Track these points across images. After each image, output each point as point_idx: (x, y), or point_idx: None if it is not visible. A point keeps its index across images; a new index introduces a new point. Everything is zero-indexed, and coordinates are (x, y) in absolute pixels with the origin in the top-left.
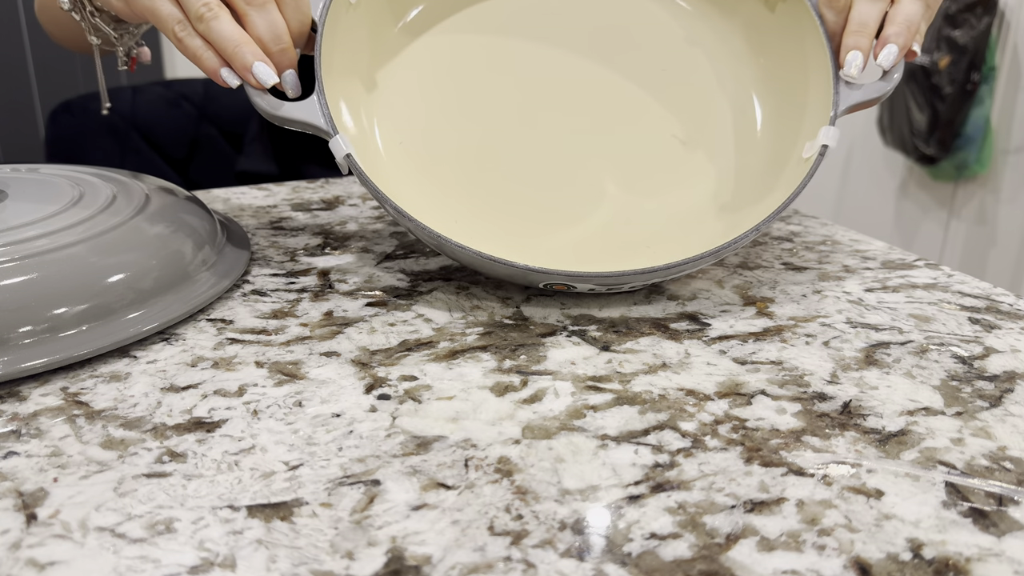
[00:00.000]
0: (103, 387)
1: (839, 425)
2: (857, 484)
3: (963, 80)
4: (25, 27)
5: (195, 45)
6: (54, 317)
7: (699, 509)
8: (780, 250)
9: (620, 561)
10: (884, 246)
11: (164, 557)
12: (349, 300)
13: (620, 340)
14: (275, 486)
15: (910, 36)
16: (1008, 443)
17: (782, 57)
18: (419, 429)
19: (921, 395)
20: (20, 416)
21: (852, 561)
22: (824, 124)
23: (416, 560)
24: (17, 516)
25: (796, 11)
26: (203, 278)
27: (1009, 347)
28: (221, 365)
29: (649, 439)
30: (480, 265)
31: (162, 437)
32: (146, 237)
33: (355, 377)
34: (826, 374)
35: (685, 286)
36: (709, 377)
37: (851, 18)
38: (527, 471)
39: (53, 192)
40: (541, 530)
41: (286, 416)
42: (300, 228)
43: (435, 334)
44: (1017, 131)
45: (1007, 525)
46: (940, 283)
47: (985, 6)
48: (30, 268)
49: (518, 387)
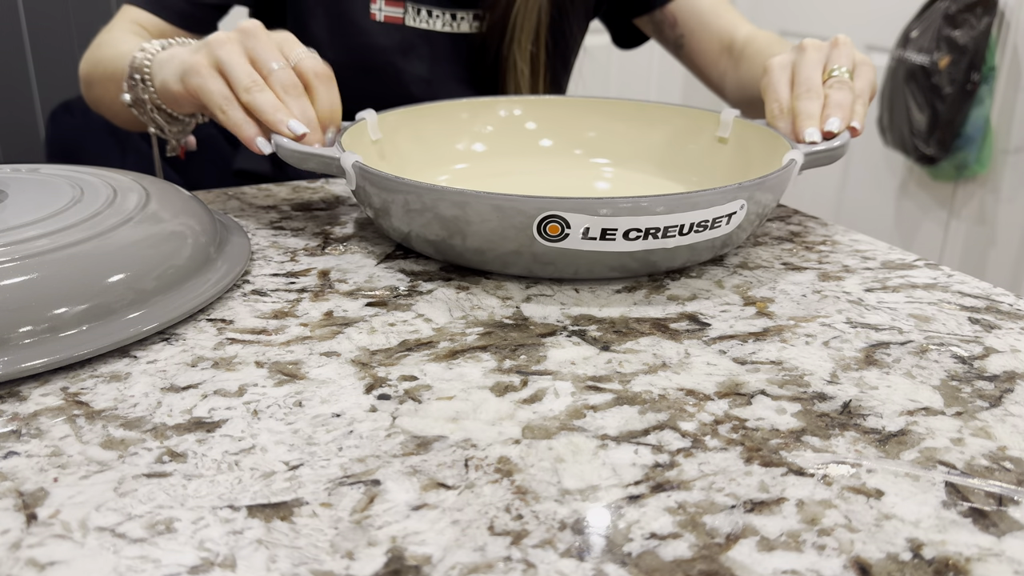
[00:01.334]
0: (103, 387)
1: (839, 425)
2: (857, 484)
3: (963, 80)
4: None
5: (237, 117)
6: (54, 317)
7: (699, 509)
8: (780, 250)
9: (620, 561)
10: (884, 246)
11: (164, 557)
12: (349, 300)
13: (620, 340)
14: (275, 486)
15: (847, 115)
16: (1008, 443)
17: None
18: (419, 429)
19: (921, 395)
20: (20, 416)
21: (852, 561)
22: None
23: (416, 560)
24: (17, 516)
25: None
26: (203, 278)
27: (1009, 347)
28: (221, 365)
29: (649, 439)
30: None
31: (162, 437)
32: (146, 237)
33: (355, 377)
34: (826, 374)
35: (685, 286)
36: (709, 377)
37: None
38: (527, 471)
39: (53, 192)
40: (541, 530)
41: (286, 416)
42: (300, 228)
43: (435, 334)
44: (1017, 131)
45: (1007, 525)
46: (940, 283)
47: (985, 6)
48: (30, 268)
49: (518, 387)
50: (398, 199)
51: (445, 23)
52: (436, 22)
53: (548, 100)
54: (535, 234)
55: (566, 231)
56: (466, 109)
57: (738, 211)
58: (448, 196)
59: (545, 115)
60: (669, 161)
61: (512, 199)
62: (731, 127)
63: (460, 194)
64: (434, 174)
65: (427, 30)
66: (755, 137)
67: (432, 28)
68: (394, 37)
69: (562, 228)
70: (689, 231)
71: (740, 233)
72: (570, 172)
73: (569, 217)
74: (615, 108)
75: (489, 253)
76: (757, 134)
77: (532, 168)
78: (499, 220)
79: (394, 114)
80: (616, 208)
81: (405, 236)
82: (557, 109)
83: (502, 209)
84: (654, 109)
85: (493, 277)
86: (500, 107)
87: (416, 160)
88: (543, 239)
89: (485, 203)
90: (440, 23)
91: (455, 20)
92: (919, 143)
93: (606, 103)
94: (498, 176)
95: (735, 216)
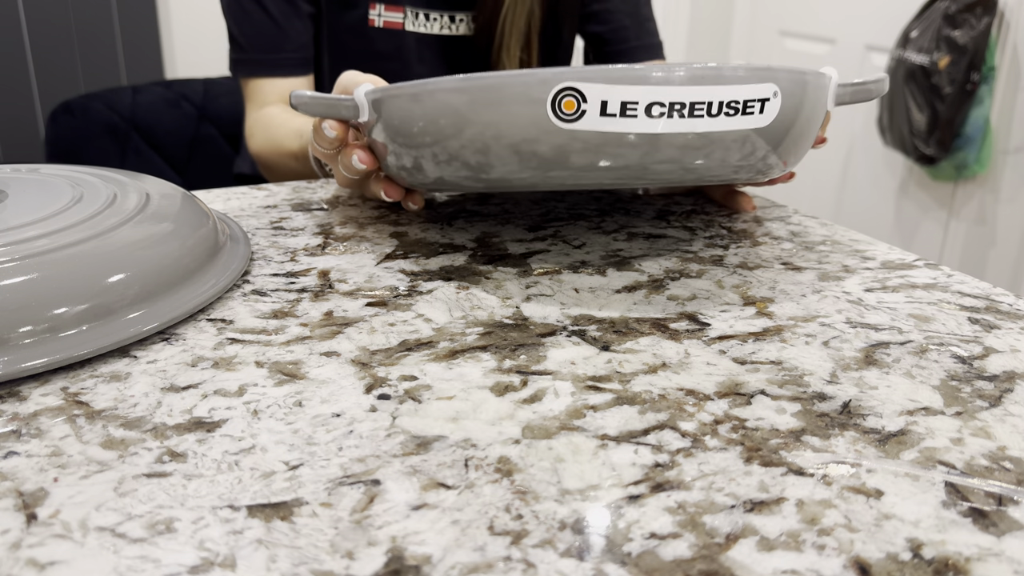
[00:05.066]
0: (103, 387)
1: (839, 425)
2: (857, 484)
3: (963, 80)
4: (25, 27)
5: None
6: (54, 317)
7: (699, 509)
8: (780, 250)
9: (620, 561)
10: (884, 246)
11: (164, 557)
12: (349, 300)
13: (620, 340)
14: (275, 486)
15: None
16: (1008, 443)
17: None
18: (419, 429)
19: (921, 395)
20: (20, 416)
21: (852, 561)
22: None
23: (416, 560)
24: (17, 516)
25: None
26: (203, 278)
27: (1009, 347)
28: (221, 365)
29: (649, 439)
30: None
31: (162, 437)
32: (146, 237)
33: (355, 377)
34: (826, 374)
35: (685, 286)
36: (709, 377)
37: None
38: (527, 471)
39: (53, 192)
40: (541, 530)
41: (286, 416)
42: (300, 228)
43: (435, 334)
44: (1017, 131)
45: (1007, 525)
46: (940, 283)
47: (985, 6)
48: (30, 268)
49: (518, 387)
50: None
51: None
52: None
53: None
54: (550, 113)
55: (582, 107)
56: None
57: (771, 98)
58: (453, 84)
59: None
60: None
61: (523, 75)
62: None
63: (466, 79)
64: None
65: (426, 34)
66: None
67: (430, 31)
68: (393, 43)
69: (578, 103)
70: (719, 112)
71: (778, 135)
72: None
73: (585, 88)
74: None
75: (506, 158)
76: None
77: None
78: (517, 104)
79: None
80: (634, 76)
81: (424, 159)
82: None
83: (510, 87)
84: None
85: (493, 277)
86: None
87: None
88: (559, 119)
89: (493, 84)
90: (438, 26)
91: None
92: (919, 143)
93: None
94: None
95: (768, 105)
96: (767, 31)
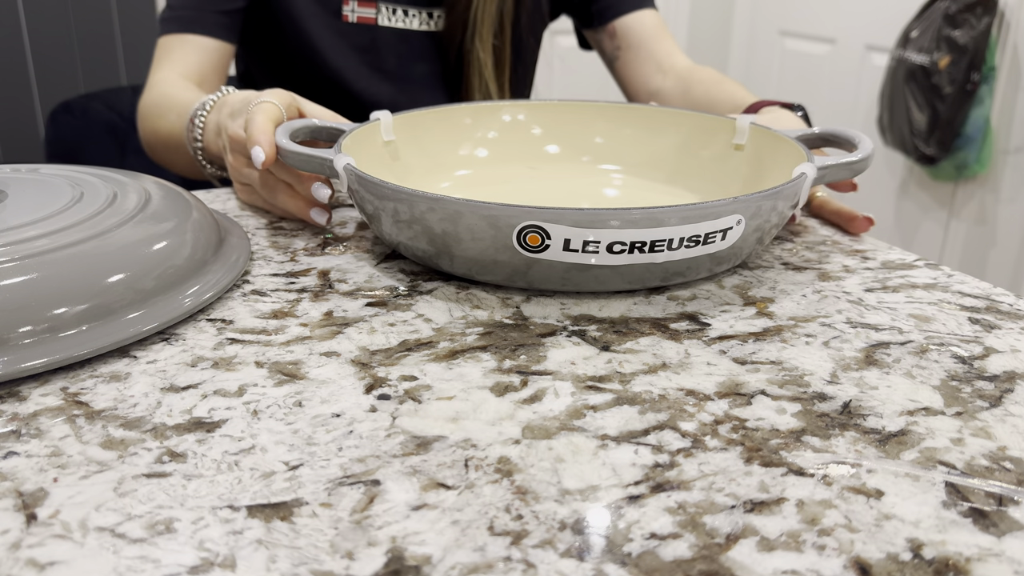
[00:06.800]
0: (103, 387)
1: (839, 425)
2: (857, 484)
3: (963, 80)
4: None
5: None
6: (54, 317)
7: (699, 509)
8: (780, 250)
9: (620, 561)
10: (884, 246)
11: (164, 557)
12: (349, 300)
13: (620, 340)
14: (275, 486)
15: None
16: (1008, 443)
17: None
18: (419, 429)
19: (921, 395)
20: (20, 416)
21: (852, 561)
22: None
23: (416, 560)
24: (17, 516)
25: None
26: (203, 278)
27: (1009, 347)
28: (221, 365)
29: (649, 439)
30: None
31: (162, 437)
32: (146, 237)
33: (355, 377)
34: (826, 374)
35: (685, 286)
36: (709, 377)
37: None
38: (527, 471)
39: (53, 192)
40: (541, 530)
41: (286, 416)
42: (300, 228)
43: (435, 334)
44: (1017, 131)
45: (1007, 525)
46: (940, 283)
47: (985, 6)
48: (30, 268)
49: (518, 387)
50: (387, 206)
51: (422, 21)
52: (413, 21)
53: (555, 105)
54: (515, 244)
55: (546, 242)
56: (469, 114)
57: (735, 227)
58: (428, 202)
59: (551, 119)
60: (682, 168)
61: (489, 207)
62: (747, 134)
63: (437, 200)
64: (436, 180)
65: (403, 29)
66: (770, 146)
67: (409, 27)
68: (366, 37)
69: (542, 239)
70: (679, 246)
71: (741, 249)
72: (577, 179)
73: (549, 228)
74: (624, 113)
75: (474, 265)
76: (773, 143)
77: (537, 175)
78: (483, 230)
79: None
80: (595, 219)
81: (396, 245)
82: (564, 114)
83: (481, 218)
84: (664, 114)
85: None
86: (504, 112)
87: (418, 167)
88: (523, 249)
89: (467, 212)
90: (417, 22)
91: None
92: (919, 143)
93: (614, 107)
94: (499, 183)
95: (731, 232)
96: (767, 31)
